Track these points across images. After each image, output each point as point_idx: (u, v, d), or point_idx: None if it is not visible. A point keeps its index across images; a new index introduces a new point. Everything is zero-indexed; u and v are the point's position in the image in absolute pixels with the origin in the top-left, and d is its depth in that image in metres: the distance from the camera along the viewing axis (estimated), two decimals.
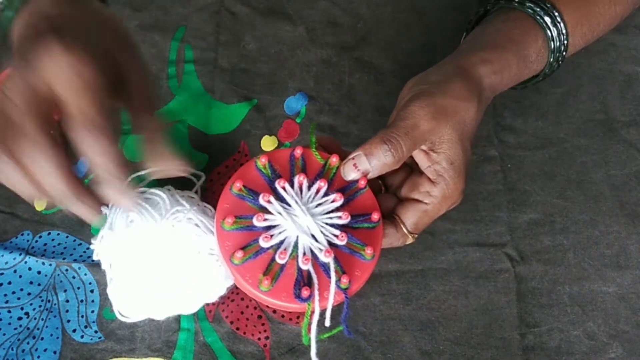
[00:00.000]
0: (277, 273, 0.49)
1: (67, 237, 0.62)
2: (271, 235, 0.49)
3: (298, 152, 0.53)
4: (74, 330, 0.58)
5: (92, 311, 0.59)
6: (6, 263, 0.60)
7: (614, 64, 0.71)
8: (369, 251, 0.50)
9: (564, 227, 0.63)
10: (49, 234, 0.62)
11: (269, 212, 0.50)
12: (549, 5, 0.57)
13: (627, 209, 0.64)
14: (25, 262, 0.60)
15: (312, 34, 0.72)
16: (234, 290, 0.59)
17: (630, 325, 0.59)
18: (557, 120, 0.68)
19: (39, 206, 0.63)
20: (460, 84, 0.53)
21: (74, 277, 0.60)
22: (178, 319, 0.58)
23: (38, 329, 0.58)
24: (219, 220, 0.50)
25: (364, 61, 0.71)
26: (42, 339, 0.58)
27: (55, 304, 0.59)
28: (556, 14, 0.57)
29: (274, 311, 0.59)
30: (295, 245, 0.50)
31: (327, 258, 0.49)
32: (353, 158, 0.52)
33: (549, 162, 0.66)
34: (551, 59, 0.58)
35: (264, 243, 0.49)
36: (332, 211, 0.52)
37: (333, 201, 0.52)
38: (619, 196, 0.64)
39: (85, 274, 0.60)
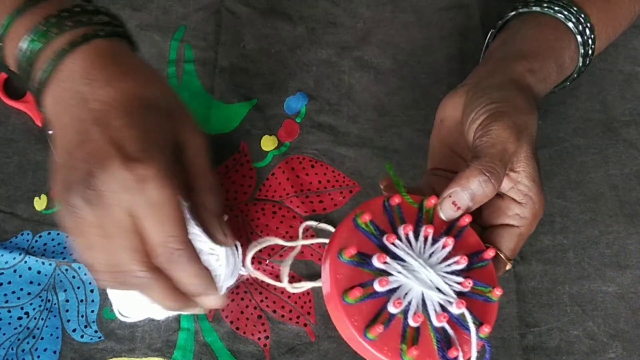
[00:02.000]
0: (414, 338, 0.44)
1: (67, 237, 0.62)
2: (400, 299, 0.44)
3: (396, 200, 0.48)
4: (74, 330, 0.58)
5: (92, 311, 0.59)
6: (6, 263, 0.60)
7: (614, 63, 0.71)
8: (497, 292, 0.47)
9: (564, 227, 0.63)
10: (49, 233, 0.62)
11: (387, 274, 0.45)
12: (576, 9, 0.56)
13: (627, 209, 0.64)
14: (25, 262, 0.60)
15: (312, 34, 0.72)
16: (234, 290, 0.60)
17: (630, 325, 0.59)
18: (557, 120, 0.68)
19: (39, 206, 0.63)
20: (522, 98, 0.50)
21: (74, 277, 0.60)
22: (178, 319, 0.58)
23: (38, 328, 0.58)
24: (339, 294, 0.44)
25: (364, 61, 0.71)
26: (42, 338, 0.58)
27: (55, 304, 0.59)
28: (584, 17, 0.56)
29: (274, 311, 0.59)
30: (423, 303, 0.46)
31: (459, 310, 0.45)
32: (450, 195, 0.48)
33: (549, 162, 0.66)
34: (580, 64, 0.58)
35: (394, 309, 0.44)
36: (446, 257, 0.47)
37: (444, 246, 0.47)
38: (619, 196, 0.64)
39: (85, 274, 0.60)
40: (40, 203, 0.63)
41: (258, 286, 0.60)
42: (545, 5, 0.57)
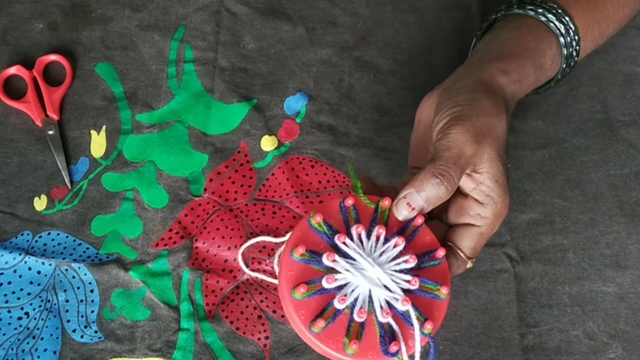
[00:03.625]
0: (359, 332, 0.47)
1: (67, 237, 0.62)
2: (345, 295, 0.47)
3: (349, 202, 0.50)
4: (74, 330, 0.58)
5: (92, 311, 0.59)
6: (6, 263, 0.60)
7: (614, 64, 0.71)
8: (444, 291, 0.48)
9: (564, 227, 0.63)
10: (49, 234, 0.62)
11: (336, 272, 0.48)
12: (560, 11, 0.56)
13: (627, 209, 0.64)
14: (25, 262, 0.60)
15: (312, 33, 0.72)
16: (234, 290, 0.60)
17: (630, 325, 0.59)
18: (557, 120, 0.68)
19: (39, 206, 0.63)
20: (488, 100, 0.51)
21: (73, 277, 0.60)
22: (178, 319, 0.58)
23: (38, 329, 0.58)
24: (289, 289, 0.47)
25: (363, 61, 0.71)
26: (42, 339, 0.58)
27: (55, 304, 0.59)
28: (568, 19, 0.57)
29: (274, 311, 0.59)
30: (370, 300, 0.48)
31: (405, 306, 0.47)
32: (405, 197, 0.49)
33: (549, 162, 0.66)
34: (564, 65, 0.58)
35: (339, 305, 0.47)
36: (396, 256, 0.49)
37: (395, 246, 0.49)
38: (619, 196, 0.64)
39: (85, 274, 0.60)
40: (40, 203, 0.63)
41: (258, 286, 0.60)
42: (528, 7, 0.57)
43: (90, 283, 0.60)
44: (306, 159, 0.66)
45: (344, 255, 0.49)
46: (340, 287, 0.48)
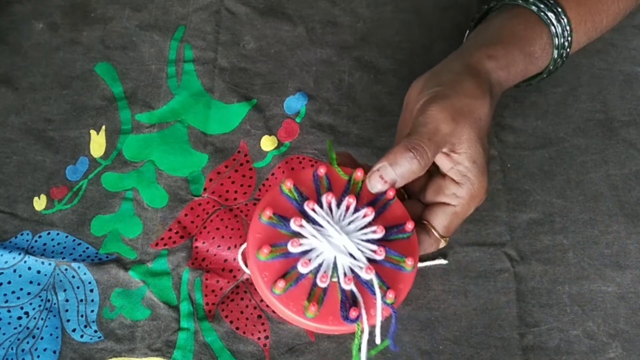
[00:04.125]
0: (320, 297, 0.48)
1: (66, 237, 0.62)
2: (309, 260, 0.48)
3: (321, 170, 0.51)
4: (74, 330, 0.58)
5: (92, 311, 0.59)
6: (6, 263, 0.60)
7: (614, 64, 0.71)
8: (409, 262, 0.49)
9: (564, 227, 0.63)
10: (49, 233, 0.62)
11: (303, 237, 0.49)
12: (552, 2, 0.57)
13: (627, 209, 0.64)
14: (25, 262, 0.60)
15: (312, 33, 0.72)
16: (234, 290, 0.59)
17: (630, 325, 0.59)
18: (556, 120, 0.68)
19: (39, 206, 0.63)
20: (471, 82, 0.52)
21: (73, 277, 0.60)
22: (178, 318, 0.58)
23: (38, 328, 0.58)
24: (253, 251, 0.49)
25: (363, 61, 0.71)
26: (41, 338, 0.58)
27: (54, 304, 0.59)
28: (560, 10, 0.57)
29: (274, 311, 0.59)
30: (335, 267, 0.49)
31: (368, 275, 0.48)
32: (378, 169, 0.51)
33: (549, 162, 0.66)
34: (555, 56, 0.58)
35: (303, 269, 0.48)
36: (365, 227, 0.50)
37: (364, 216, 0.50)
38: (619, 196, 0.64)
39: (85, 274, 0.60)
40: (39, 203, 0.63)
41: None
42: None
43: (90, 283, 0.60)
44: (306, 159, 0.66)
45: (312, 221, 0.49)
46: (306, 253, 0.49)
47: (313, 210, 0.50)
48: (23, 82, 0.69)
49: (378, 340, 0.48)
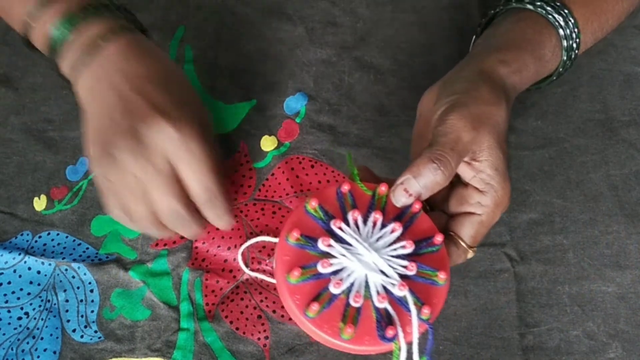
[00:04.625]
0: (355, 317, 0.47)
1: (66, 237, 0.62)
2: (341, 280, 0.47)
3: (345, 187, 0.50)
4: (74, 330, 0.58)
5: (92, 311, 0.59)
6: (6, 263, 0.60)
7: (614, 64, 0.71)
8: (442, 276, 0.48)
9: (564, 227, 0.63)
10: (49, 234, 0.62)
11: (332, 256, 0.48)
12: (559, 4, 0.57)
13: (627, 209, 0.64)
14: (25, 262, 0.60)
15: (312, 34, 0.72)
16: (234, 290, 0.60)
17: (630, 325, 0.59)
18: (557, 120, 0.68)
19: (39, 206, 0.63)
20: (487, 89, 0.52)
21: (73, 277, 0.60)
22: (178, 318, 0.58)
23: (38, 328, 0.58)
24: (283, 274, 0.47)
25: (363, 61, 0.71)
26: (41, 338, 0.58)
27: (55, 304, 0.59)
28: (566, 11, 0.57)
29: (274, 311, 0.59)
30: (366, 285, 0.48)
31: (402, 292, 0.47)
32: (402, 183, 0.50)
33: (549, 162, 0.66)
34: (564, 58, 0.58)
35: (335, 289, 0.47)
36: (394, 242, 0.49)
37: (392, 231, 0.49)
38: (619, 196, 0.64)
39: (85, 274, 0.60)
40: (39, 203, 0.63)
41: (258, 286, 0.60)
42: (526, 0, 0.58)
43: (90, 283, 0.60)
44: (306, 159, 0.66)
45: (340, 240, 0.48)
46: (336, 272, 0.48)
47: (340, 228, 0.49)
48: (23, 82, 0.69)
49: (416, 358, 0.47)
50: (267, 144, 0.66)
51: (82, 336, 0.58)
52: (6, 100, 0.68)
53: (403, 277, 0.48)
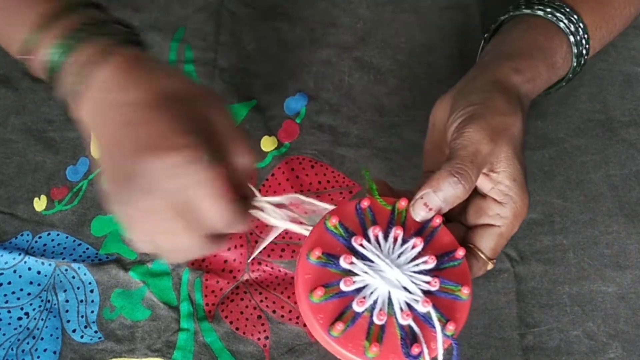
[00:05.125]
0: (379, 335, 0.46)
1: (66, 237, 0.62)
2: (364, 298, 0.46)
3: (365, 203, 0.50)
4: (74, 331, 0.58)
5: (92, 311, 0.59)
6: (6, 263, 0.60)
7: (614, 64, 0.71)
8: (465, 291, 0.48)
9: (564, 227, 0.63)
10: (49, 234, 0.62)
11: (354, 274, 0.47)
12: (568, 10, 0.57)
13: (627, 209, 0.64)
14: (25, 262, 0.60)
15: (312, 34, 0.72)
16: (234, 291, 0.60)
17: (630, 325, 0.59)
18: (556, 120, 0.68)
19: (39, 207, 0.63)
20: (502, 99, 0.51)
21: (73, 277, 0.60)
22: (178, 319, 0.58)
23: (38, 329, 0.58)
24: (306, 293, 0.46)
25: (363, 61, 0.71)
26: (41, 339, 0.58)
27: (55, 304, 0.59)
28: (576, 17, 0.57)
29: (274, 311, 0.59)
30: (390, 302, 0.47)
31: (425, 308, 0.46)
32: (422, 197, 0.49)
33: (549, 162, 0.66)
34: (575, 64, 0.58)
35: (358, 307, 0.46)
36: (415, 257, 0.48)
37: (414, 247, 0.48)
38: (619, 196, 0.64)
39: (85, 274, 0.60)
40: (39, 204, 0.63)
41: (258, 286, 0.60)
42: (536, 7, 0.57)
43: (90, 283, 0.60)
44: (306, 159, 0.66)
45: (362, 257, 0.48)
46: (359, 290, 0.47)
47: (362, 245, 0.48)
48: (23, 82, 0.69)
49: None
50: (267, 144, 0.66)
51: (82, 336, 0.58)
52: (6, 100, 0.68)
53: (426, 292, 0.47)
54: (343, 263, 0.47)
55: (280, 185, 0.64)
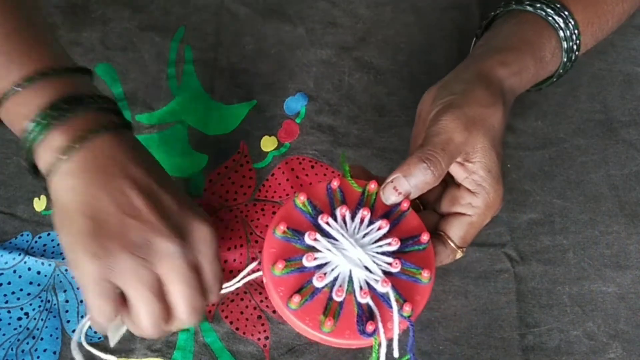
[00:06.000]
0: (336, 311, 0.48)
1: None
2: (324, 274, 0.48)
3: (335, 183, 0.51)
4: (74, 331, 0.58)
5: None
6: (6, 263, 0.60)
7: (614, 64, 0.71)
8: (425, 274, 0.49)
9: (564, 227, 0.63)
10: (49, 234, 0.62)
11: (317, 251, 0.49)
12: (559, 6, 0.57)
13: (627, 209, 0.64)
14: (25, 262, 0.60)
15: (312, 34, 0.72)
16: (234, 291, 0.59)
17: (630, 325, 0.59)
18: (557, 120, 0.68)
19: (39, 207, 0.63)
20: (484, 91, 0.52)
21: (73, 277, 0.60)
22: None
23: (38, 329, 0.58)
24: (268, 266, 0.49)
25: (363, 61, 0.71)
26: (41, 339, 0.58)
27: (55, 304, 0.59)
28: (567, 13, 0.57)
29: (274, 311, 0.59)
30: (350, 280, 0.49)
31: (384, 288, 0.48)
32: (392, 181, 0.50)
33: (549, 162, 0.66)
34: (565, 59, 0.58)
35: (318, 283, 0.48)
36: (380, 239, 0.50)
37: (379, 228, 0.50)
38: (619, 196, 0.64)
39: None
40: (39, 204, 0.63)
41: (258, 286, 0.60)
42: (526, 2, 0.58)
43: None
44: (306, 160, 0.66)
45: (327, 235, 0.49)
46: (321, 266, 0.49)
47: (327, 223, 0.49)
48: None
49: (396, 354, 0.47)
50: (267, 144, 0.66)
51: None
52: None
53: (387, 274, 0.49)
54: (307, 239, 0.49)
55: (280, 185, 0.64)
